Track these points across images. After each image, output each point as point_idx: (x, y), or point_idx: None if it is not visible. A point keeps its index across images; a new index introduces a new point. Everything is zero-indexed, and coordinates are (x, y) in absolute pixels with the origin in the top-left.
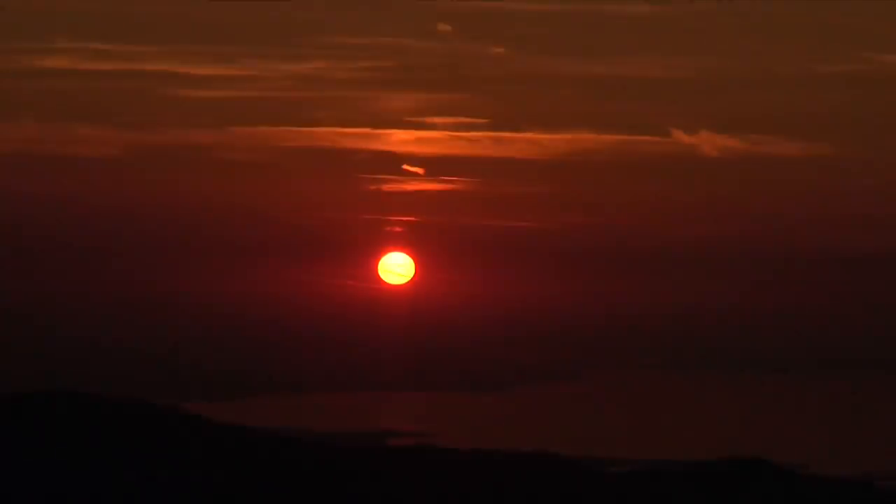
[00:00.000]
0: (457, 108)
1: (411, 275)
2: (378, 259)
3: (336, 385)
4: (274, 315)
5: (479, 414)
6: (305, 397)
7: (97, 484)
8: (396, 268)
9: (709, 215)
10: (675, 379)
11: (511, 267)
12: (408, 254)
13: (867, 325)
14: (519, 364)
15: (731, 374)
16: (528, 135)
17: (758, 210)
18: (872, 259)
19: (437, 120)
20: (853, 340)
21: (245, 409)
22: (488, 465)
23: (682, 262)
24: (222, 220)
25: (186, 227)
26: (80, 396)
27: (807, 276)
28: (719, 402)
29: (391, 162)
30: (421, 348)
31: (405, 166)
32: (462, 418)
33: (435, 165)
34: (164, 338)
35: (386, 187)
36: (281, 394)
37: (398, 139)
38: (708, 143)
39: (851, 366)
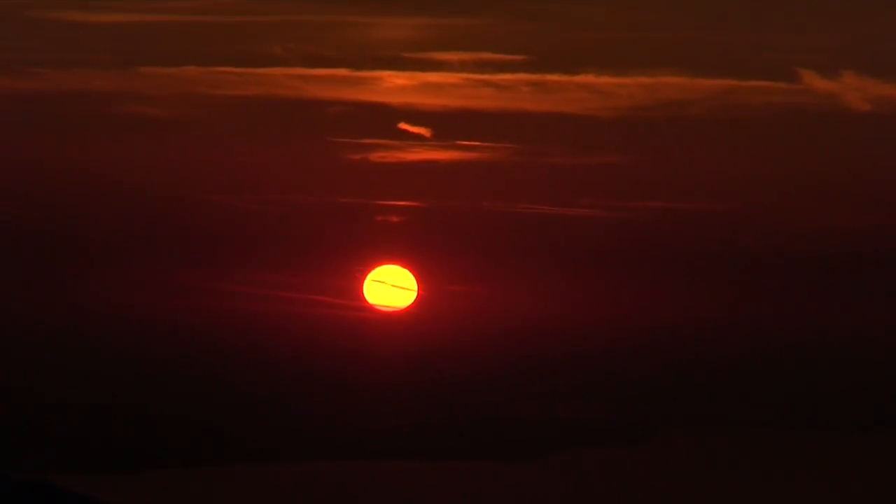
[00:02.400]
0: (479, 38)
1: (411, 294)
2: (362, 264)
3: (303, 453)
4: (202, 350)
5: (509, 492)
6: (257, 470)
7: None
8: (389, 284)
9: (859, 196)
10: (793, 443)
11: (561, 275)
12: (406, 260)
13: None
14: (563, 420)
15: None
16: (587, 78)
17: None
18: None
19: (449, 56)
20: None
21: (162, 488)
22: None
23: (819, 268)
24: (125, 202)
25: (72, 213)
26: None
27: None
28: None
29: (382, 119)
30: (424, 399)
31: (403, 125)
32: (484, 498)
33: (446, 124)
34: (35, 375)
35: (375, 157)
36: (220, 467)
37: (392, 85)
38: (855, 90)
39: None
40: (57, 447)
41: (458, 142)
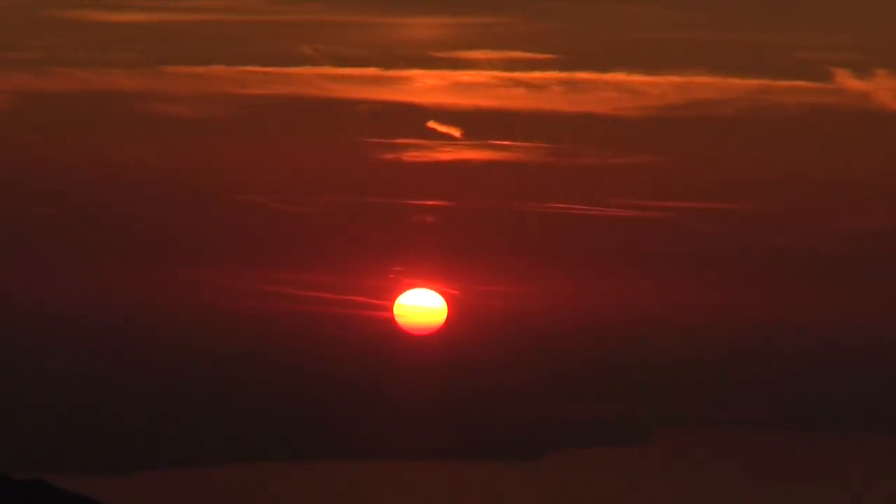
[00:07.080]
0: (508, 37)
1: (440, 318)
2: (395, 264)
3: (317, 453)
4: (227, 350)
5: (509, 492)
6: (270, 468)
7: None
8: (418, 306)
9: (892, 195)
10: (793, 443)
11: (591, 274)
12: (438, 259)
13: None
14: (563, 420)
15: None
16: (617, 77)
17: None
18: None
19: (479, 55)
20: None
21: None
22: None
23: (850, 267)
24: (152, 202)
25: (98, 212)
26: None
27: None
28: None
29: (413, 119)
30: (435, 399)
31: (433, 124)
32: (484, 498)
33: (478, 124)
34: (56, 379)
35: (407, 156)
36: (233, 466)
37: (423, 85)
38: (888, 89)
39: None
40: (56, 447)
41: (490, 141)
